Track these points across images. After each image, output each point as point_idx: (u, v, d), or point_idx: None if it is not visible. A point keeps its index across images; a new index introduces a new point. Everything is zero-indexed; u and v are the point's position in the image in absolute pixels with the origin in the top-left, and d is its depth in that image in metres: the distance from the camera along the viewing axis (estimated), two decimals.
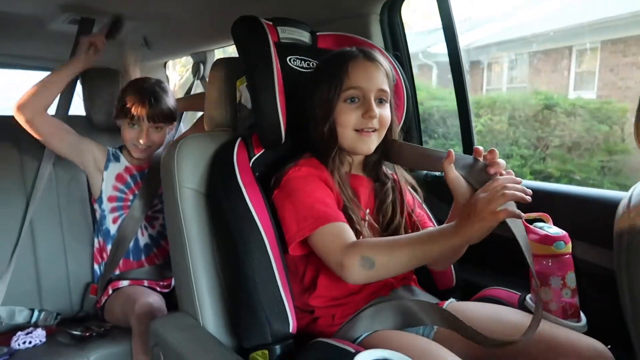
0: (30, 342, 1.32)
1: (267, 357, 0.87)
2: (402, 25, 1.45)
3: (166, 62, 2.36)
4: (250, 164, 0.97)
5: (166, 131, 1.49)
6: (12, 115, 1.36)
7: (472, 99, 1.39)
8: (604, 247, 0.97)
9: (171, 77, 2.54)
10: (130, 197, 1.50)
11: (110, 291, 1.43)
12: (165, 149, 1.29)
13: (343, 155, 0.98)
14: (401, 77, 1.07)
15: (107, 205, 1.48)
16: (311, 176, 0.92)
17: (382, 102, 0.95)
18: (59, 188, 1.54)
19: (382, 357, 0.73)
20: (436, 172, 1.32)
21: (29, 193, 1.48)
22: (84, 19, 1.54)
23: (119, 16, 1.54)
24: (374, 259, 0.79)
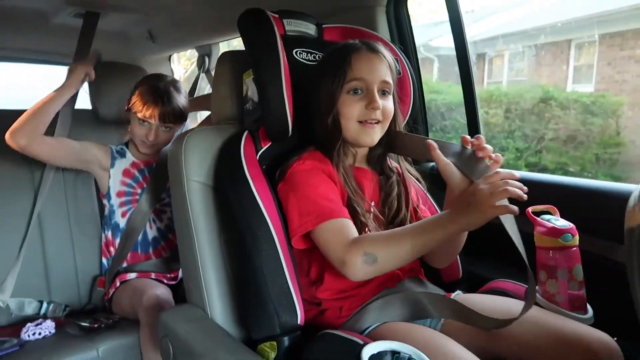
0: (40, 334, 1.33)
1: (276, 349, 0.87)
2: (408, 18, 1.43)
3: (171, 55, 2.35)
4: (257, 157, 0.97)
5: (175, 131, 1.49)
6: (18, 109, 1.36)
7: None
8: (611, 240, 0.97)
9: (176, 70, 2.54)
10: (138, 191, 1.51)
11: (118, 283, 1.44)
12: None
13: (347, 148, 0.98)
14: (408, 70, 1.07)
15: (116, 200, 1.49)
16: (315, 169, 0.92)
17: (385, 93, 0.95)
18: (66, 182, 1.55)
19: (389, 348, 0.73)
20: None
21: (37, 187, 1.49)
22: (89, 12, 1.54)
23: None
24: (376, 254, 0.80)
